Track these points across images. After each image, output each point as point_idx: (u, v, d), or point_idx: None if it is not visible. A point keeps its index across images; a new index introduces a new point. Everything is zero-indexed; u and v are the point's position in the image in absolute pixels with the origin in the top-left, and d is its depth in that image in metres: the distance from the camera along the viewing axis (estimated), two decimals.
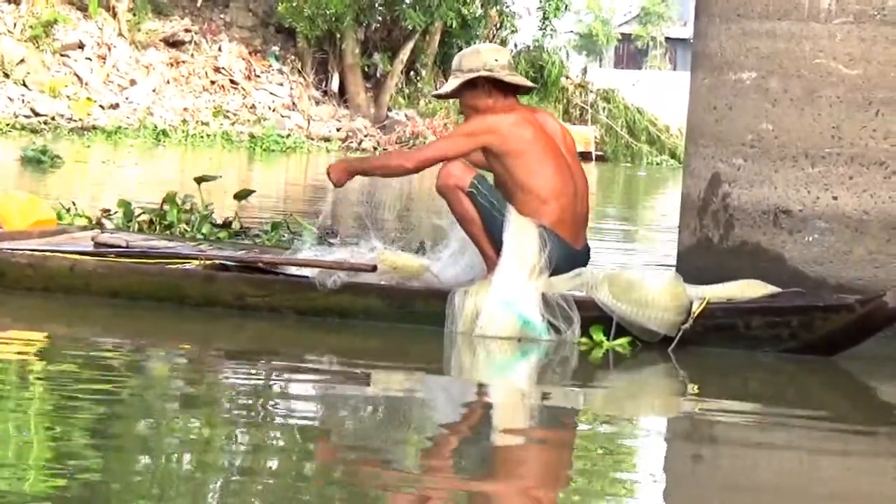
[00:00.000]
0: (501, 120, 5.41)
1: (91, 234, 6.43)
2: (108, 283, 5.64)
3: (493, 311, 5.17)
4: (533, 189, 5.36)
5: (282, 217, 7.94)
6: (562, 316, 5.17)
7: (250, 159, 21.81)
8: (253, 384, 4.50)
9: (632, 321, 5.13)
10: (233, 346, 5.23)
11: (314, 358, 5.03)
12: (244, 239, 7.09)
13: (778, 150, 5.54)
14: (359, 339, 5.28)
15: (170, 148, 22.30)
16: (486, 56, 5.52)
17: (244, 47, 27.96)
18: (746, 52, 5.64)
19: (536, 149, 5.39)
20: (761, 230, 5.56)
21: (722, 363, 5.12)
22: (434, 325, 5.25)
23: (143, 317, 5.48)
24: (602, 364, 5.06)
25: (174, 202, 7.45)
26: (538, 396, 4.67)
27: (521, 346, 5.19)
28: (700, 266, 5.62)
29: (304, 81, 27.88)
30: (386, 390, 4.63)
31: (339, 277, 5.38)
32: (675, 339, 5.12)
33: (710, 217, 5.73)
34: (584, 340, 5.18)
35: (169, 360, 4.86)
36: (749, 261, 5.55)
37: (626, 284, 5.15)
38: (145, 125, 24.32)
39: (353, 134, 26.73)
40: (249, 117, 26.10)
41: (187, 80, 26.55)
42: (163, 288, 5.58)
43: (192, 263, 5.70)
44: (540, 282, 5.21)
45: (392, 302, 5.39)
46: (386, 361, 5.06)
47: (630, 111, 29.91)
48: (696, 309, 5.12)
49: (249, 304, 5.50)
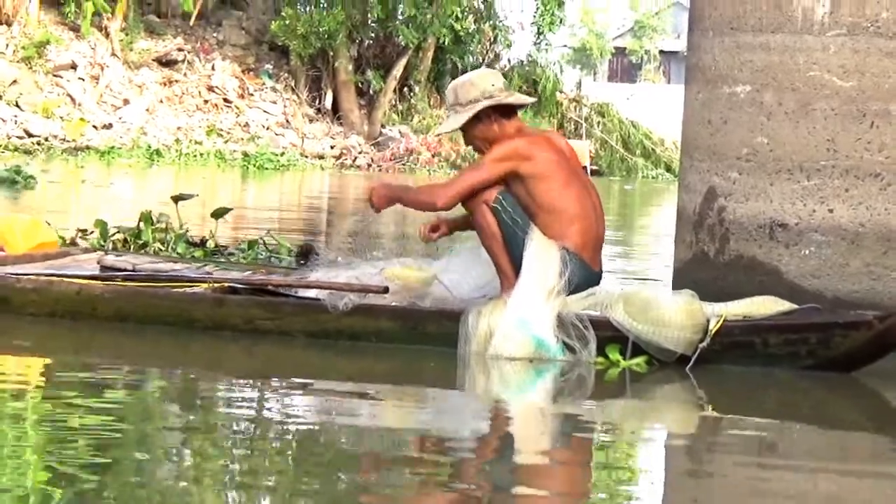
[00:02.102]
0: (528, 144, 5.39)
1: (96, 256, 6.38)
2: (115, 307, 5.58)
3: (508, 331, 5.14)
4: (559, 211, 5.33)
5: (261, 235, 7.95)
6: (577, 336, 5.14)
7: (244, 178, 21.78)
8: (263, 408, 4.44)
9: (648, 341, 5.10)
10: (243, 369, 5.18)
11: (326, 380, 4.99)
12: (220, 258, 7.11)
13: (773, 164, 5.52)
14: (371, 361, 5.25)
15: (163, 167, 22.26)
16: (482, 84, 5.46)
17: (237, 65, 27.95)
18: (740, 66, 5.62)
19: (561, 171, 5.37)
20: (757, 244, 5.54)
21: (739, 381, 5.08)
22: (447, 346, 5.22)
23: (151, 340, 5.43)
24: (618, 383, 5.03)
25: (149, 221, 7.44)
26: (554, 416, 4.63)
27: (536, 365, 5.15)
28: (696, 280, 5.60)
29: (298, 99, 27.87)
30: (400, 412, 4.58)
31: (351, 299, 5.34)
32: (692, 357, 5.10)
33: (706, 231, 5.70)
34: (600, 360, 5.16)
35: (177, 385, 4.80)
36: (745, 275, 5.54)
37: (641, 304, 5.12)
38: (139, 145, 24.31)
39: (347, 151, 26.74)
40: (243, 135, 26.10)
41: (180, 99, 26.54)
42: (171, 312, 5.52)
43: (201, 287, 5.66)
44: (556, 303, 5.18)
45: (404, 323, 5.34)
46: (399, 383, 5.02)
47: (625, 125, 29.95)
48: (714, 327, 5.09)
49: (259, 328, 5.45)
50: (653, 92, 37.79)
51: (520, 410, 4.77)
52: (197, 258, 6.77)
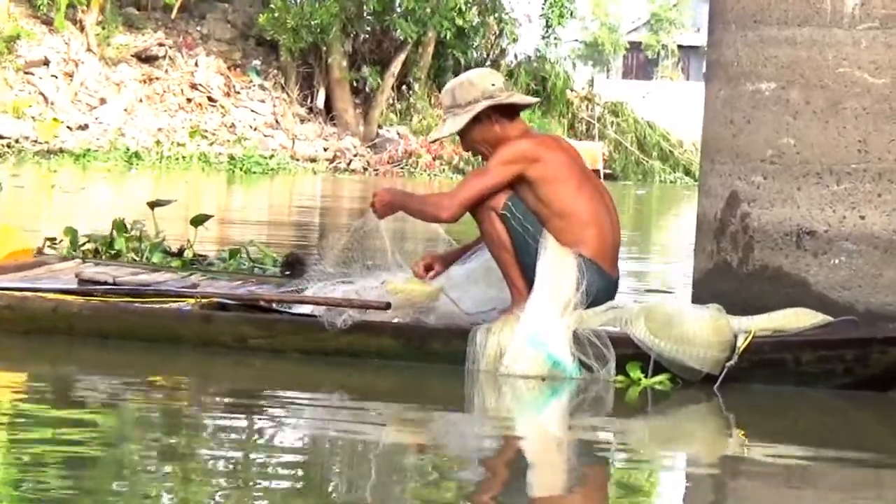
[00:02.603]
0: (535, 145, 5.42)
1: (73, 266, 6.38)
2: (94, 324, 5.59)
3: (520, 349, 5.14)
4: (573, 215, 5.35)
5: (244, 244, 7.97)
6: (594, 354, 5.14)
7: (229, 182, 21.80)
8: (253, 427, 4.43)
9: (671, 358, 5.10)
10: (232, 386, 5.18)
11: (322, 398, 4.99)
12: (198, 267, 7.13)
13: (800, 167, 5.53)
14: (371, 378, 5.25)
15: (142, 171, 22.27)
16: (481, 83, 5.48)
17: (222, 62, 27.99)
18: (765, 61, 5.63)
19: (573, 172, 5.40)
20: (783, 253, 5.55)
21: (770, 401, 5.09)
22: (454, 366, 5.23)
23: (134, 356, 5.44)
24: (640, 403, 5.04)
25: (122, 229, 7.46)
26: (570, 440, 4.63)
27: (550, 385, 5.15)
28: (717, 292, 5.60)
29: (288, 98, 27.91)
30: (402, 433, 4.57)
31: (350, 316, 5.34)
32: (719, 376, 5.10)
33: (728, 239, 5.71)
34: (619, 379, 5.16)
35: (160, 403, 4.79)
36: (771, 286, 5.54)
37: (664, 319, 5.12)
38: (116, 147, 24.32)
39: (341, 154, 26.78)
40: (229, 137, 26.13)
41: (161, 98, 26.57)
42: (156, 330, 5.53)
43: (188, 302, 5.66)
44: (573, 318, 5.19)
45: (408, 341, 5.35)
46: (402, 402, 5.01)
47: (640, 125, 29.99)
48: (742, 344, 5.09)
49: (251, 346, 5.45)
50: (670, 90, 37.89)
51: (533, 434, 4.77)
52: (177, 268, 6.78)
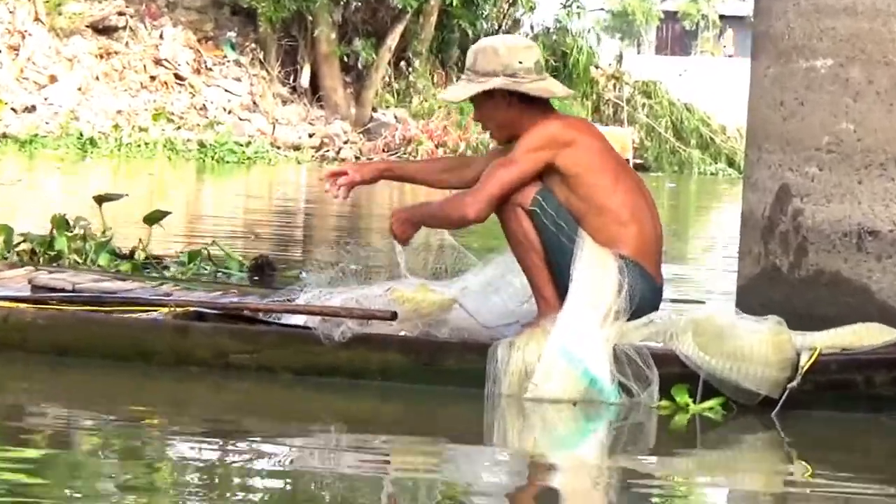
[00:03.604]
0: (565, 127, 5.44)
1: (24, 273, 6.41)
2: (50, 337, 5.60)
3: (551, 365, 5.14)
4: (611, 210, 5.37)
5: (205, 245, 8.03)
6: (634, 374, 5.15)
7: (199, 173, 21.82)
8: (234, 468, 4.43)
9: (724, 379, 5.11)
10: (211, 416, 5.19)
11: (316, 427, 5.01)
12: (153, 272, 7.23)
13: (861, 156, 5.56)
14: (374, 403, 5.25)
15: (99, 160, 22.28)
16: (507, 56, 5.48)
17: (192, 34, 28.01)
18: (821, 34, 5.66)
19: (608, 161, 5.43)
20: (842, 256, 5.58)
21: (838, 430, 5.11)
22: (470, 387, 5.23)
23: (95, 376, 5.45)
24: (687, 433, 5.06)
25: (63, 227, 7.48)
26: (607, 477, 4.64)
27: (585, 409, 5.16)
28: (765, 301, 5.63)
29: (268, 76, 27.94)
30: (410, 470, 4.58)
31: (350, 328, 5.34)
32: (779, 400, 5.11)
33: (777, 240, 5.74)
34: (664, 403, 5.18)
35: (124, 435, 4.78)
36: (827, 294, 5.58)
37: (715, 333, 5.13)
38: (68, 132, 24.33)
39: (329, 140, 26.80)
40: (199, 121, 26.16)
41: (121, 76, 26.60)
42: (122, 344, 5.55)
43: (159, 311, 5.67)
44: (613, 330, 5.20)
45: (417, 357, 5.36)
46: (409, 432, 5.02)
47: (676, 108, 30.01)
48: (805, 362, 5.11)
49: (233, 363, 5.46)
50: (711, 67, 37.97)
51: (564, 469, 4.77)
52: (145, 277, 6.83)
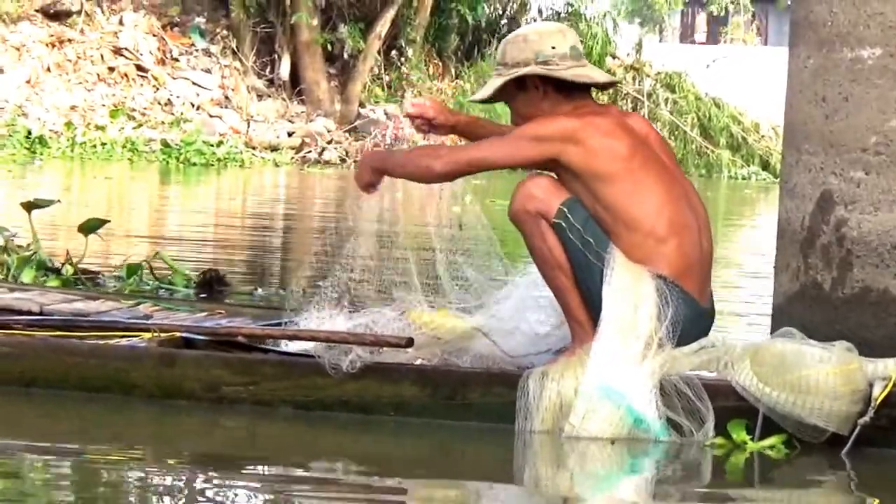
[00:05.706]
0: (583, 125, 5.45)
1: None
2: (15, 367, 5.60)
3: (591, 404, 5.15)
4: (643, 223, 5.38)
5: (146, 258, 8.10)
6: (685, 409, 5.17)
7: (163, 177, 21.79)
8: None
9: (786, 413, 5.13)
10: (200, 452, 5.20)
11: (322, 469, 5.02)
12: (84, 287, 7.32)
13: None
14: (387, 441, 5.26)
15: (49, 162, 22.24)
16: (538, 43, 5.55)
17: (155, 20, 28.02)
18: (867, 20, 5.66)
19: (637, 166, 5.42)
20: (891, 271, 5.60)
21: None
22: (498, 423, 5.25)
23: (67, 414, 5.46)
24: (745, 474, 5.07)
25: None
26: None
27: (631, 449, 5.17)
28: (805, 322, 5.62)
29: (242, 67, 27.93)
30: None
31: (359, 356, 5.35)
32: (849, 437, 5.12)
33: (818, 253, 5.75)
34: (719, 441, 5.19)
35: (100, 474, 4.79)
36: (874, 314, 5.58)
37: (776, 361, 5.15)
38: (15, 130, 24.29)
39: (311, 140, 26.75)
40: (164, 118, 26.14)
41: (75, 67, 26.59)
42: (99, 374, 5.55)
43: (141, 337, 5.69)
44: (657, 361, 5.20)
45: (436, 390, 5.37)
46: (427, 474, 5.03)
47: (703, 103, 30.01)
48: (879, 394, 5.11)
49: (226, 396, 5.47)
50: (743, 57, 37.94)
51: None
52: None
